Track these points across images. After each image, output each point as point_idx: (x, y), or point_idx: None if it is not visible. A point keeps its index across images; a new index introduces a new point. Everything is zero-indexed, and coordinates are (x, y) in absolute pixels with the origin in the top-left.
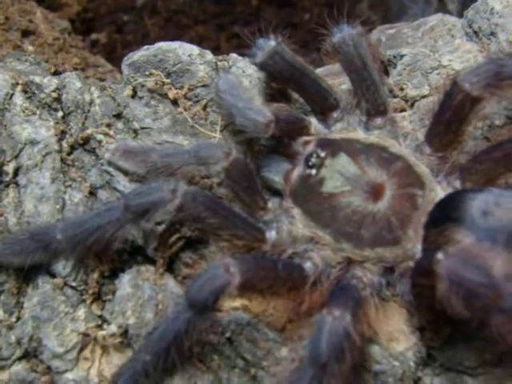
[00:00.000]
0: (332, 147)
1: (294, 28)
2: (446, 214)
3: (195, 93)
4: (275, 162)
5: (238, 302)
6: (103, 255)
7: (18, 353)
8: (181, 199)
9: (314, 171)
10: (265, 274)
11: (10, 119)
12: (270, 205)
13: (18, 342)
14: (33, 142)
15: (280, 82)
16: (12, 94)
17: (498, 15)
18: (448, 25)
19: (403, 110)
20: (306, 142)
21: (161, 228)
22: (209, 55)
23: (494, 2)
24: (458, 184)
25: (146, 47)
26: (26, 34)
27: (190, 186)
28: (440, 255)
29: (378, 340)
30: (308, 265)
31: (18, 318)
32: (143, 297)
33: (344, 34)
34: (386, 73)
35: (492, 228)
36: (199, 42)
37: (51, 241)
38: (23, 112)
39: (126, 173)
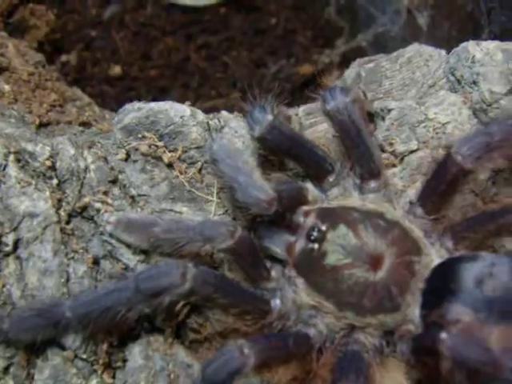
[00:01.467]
0: (331, 218)
1: (262, 34)
2: (442, 285)
3: (189, 155)
4: (277, 234)
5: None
6: (114, 330)
7: None
8: (191, 283)
9: (316, 245)
10: (277, 352)
11: (6, 191)
12: (273, 273)
13: None
14: (31, 215)
15: (278, 155)
16: (5, 165)
17: (479, 63)
18: (424, 55)
19: (393, 166)
20: (306, 213)
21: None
22: (200, 115)
23: (475, 49)
24: (450, 245)
25: (136, 107)
26: (0, 70)
27: (198, 267)
28: (443, 335)
29: None
30: (313, 331)
31: None
32: (155, 368)
33: (338, 102)
34: (374, 124)
35: (486, 299)
36: (168, 54)
37: (60, 318)
38: (19, 183)
39: (128, 246)
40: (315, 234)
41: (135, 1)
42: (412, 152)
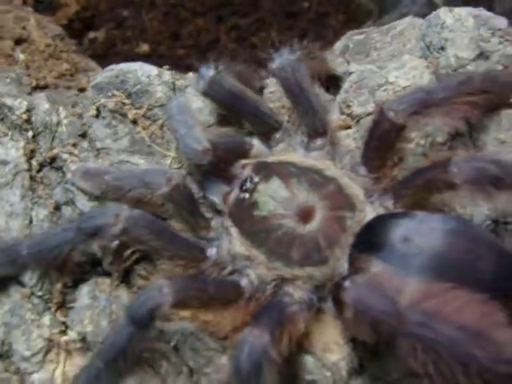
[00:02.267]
0: (266, 171)
1: (293, 17)
2: (368, 240)
3: (153, 113)
4: (216, 185)
5: (186, 312)
6: (64, 269)
7: None
8: (123, 223)
9: (247, 195)
10: (198, 293)
11: None
12: (213, 223)
13: None
14: (4, 162)
15: (223, 108)
16: None
17: (449, 29)
18: (417, 28)
19: (349, 128)
20: (244, 166)
21: (115, 244)
22: (167, 75)
23: (446, 15)
24: (390, 205)
25: (109, 68)
26: (18, 41)
27: (133, 210)
28: (347, 283)
29: (312, 351)
30: (244, 281)
31: None
32: (99, 307)
33: (283, 60)
34: (338, 88)
35: (405, 254)
36: (197, 35)
37: (18, 256)
38: None
39: (84, 192)
40: (248, 184)
41: None
42: (369, 114)
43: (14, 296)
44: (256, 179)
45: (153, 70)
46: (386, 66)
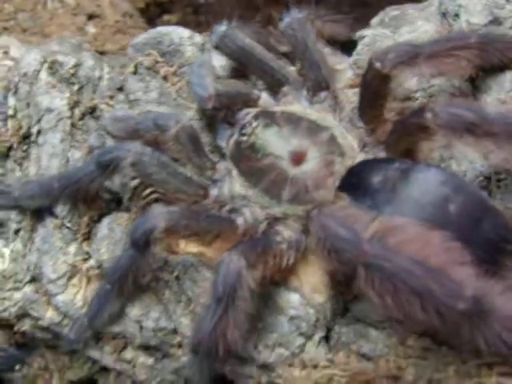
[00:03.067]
0: (265, 118)
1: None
2: (348, 180)
3: (182, 70)
4: (222, 129)
5: (194, 248)
6: (91, 203)
7: (28, 277)
8: (132, 157)
9: (245, 138)
10: (191, 222)
11: (36, 91)
12: (219, 166)
13: (28, 269)
14: (49, 110)
15: (235, 62)
16: (39, 71)
17: None
18: None
19: (357, 86)
20: (247, 113)
21: (135, 182)
22: (197, 38)
23: None
24: (382, 155)
25: (149, 31)
26: (91, 17)
27: (143, 147)
28: (314, 212)
29: (301, 290)
30: (240, 219)
31: (29, 250)
32: (115, 238)
33: (291, 19)
34: (349, 51)
35: (380, 194)
36: (268, 23)
37: (51, 189)
38: (46, 85)
39: (113, 136)
40: (247, 128)
41: None
42: None
43: (47, 225)
44: (254, 124)
45: (185, 32)
46: (398, 31)
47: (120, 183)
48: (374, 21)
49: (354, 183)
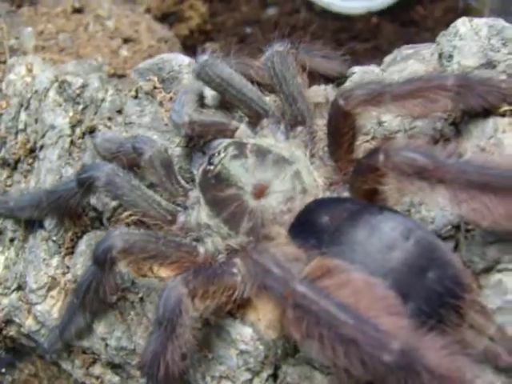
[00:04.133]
0: (236, 149)
1: None
2: (298, 219)
3: None
4: (197, 157)
5: (163, 273)
6: (76, 218)
7: (15, 285)
8: (105, 178)
9: (212, 167)
10: (146, 245)
11: (43, 108)
12: (192, 193)
13: (16, 277)
14: (53, 127)
15: (215, 90)
16: (49, 89)
17: (460, 38)
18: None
19: None
20: (219, 143)
21: (114, 202)
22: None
23: (463, 24)
24: (347, 195)
25: (154, 57)
26: (126, 41)
27: (117, 169)
28: (248, 247)
29: (256, 324)
30: (201, 247)
31: (19, 259)
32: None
33: (272, 51)
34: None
35: (322, 234)
36: None
37: (40, 202)
38: (52, 103)
39: (100, 155)
40: (214, 158)
41: (291, 6)
42: None
43: (36, 237)
44: (222, 154)
45: (185, 60)
46: (388, 69)
47: (101, 203)
48: (387, 59)
49: (304, 221)
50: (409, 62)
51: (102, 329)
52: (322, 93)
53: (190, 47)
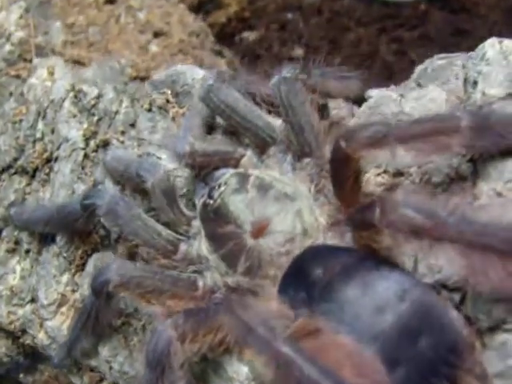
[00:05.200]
0: (237, 183)
1: (460, 35)
2: (293, 265)
3: None
4: (199, 188)
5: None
6: (86, 236)
7: (29, 297)
8: (106, 206)
9: (211, 201)
10: (142, 280)
11: (59, 118)
12: (195, 222)
13: (29, 289)
14: (67, 139)
15: (220, 117)
16: (64, 99)
17: (486, 62)
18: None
19: None
20: (222, 174)
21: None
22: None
23: (491, 46)
24: (348, 238)
25: (169, 69)
26: (156, 35)
27: (119, 197)
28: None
29: (254, 362)
30: (201, 282)
31: (33, 271)
32: None
33: (279, 78)
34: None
35: (313, 289)
36: (356, 44)
37: (51, 217)
38: (67, 114)
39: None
40: (214, 191)
41: None
42: None
43: (49, 251)
44: (222, 188)
45: (200, 73)
46: (406, 95)
47: None
48: (417, 70)
49: (296, 271)
50: (429, 88)
51: (106, 352)
52: (347, 106)
53: (227, 36)
